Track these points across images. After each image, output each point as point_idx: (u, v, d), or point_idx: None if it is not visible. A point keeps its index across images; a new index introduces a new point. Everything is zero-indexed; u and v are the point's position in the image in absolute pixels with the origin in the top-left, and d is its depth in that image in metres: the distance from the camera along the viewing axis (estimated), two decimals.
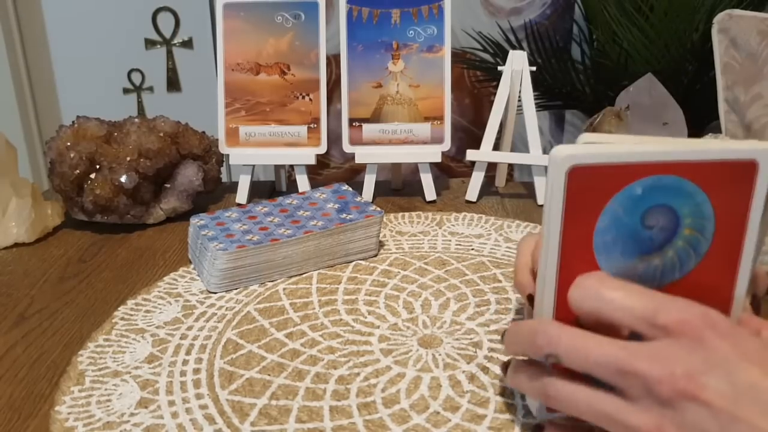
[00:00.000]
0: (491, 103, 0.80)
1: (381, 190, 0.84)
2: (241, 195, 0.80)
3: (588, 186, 0.31)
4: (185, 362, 0.47)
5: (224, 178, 0.82)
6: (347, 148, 0.80)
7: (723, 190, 0.32)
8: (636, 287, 0.32)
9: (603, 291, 0.32)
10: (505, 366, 0.38)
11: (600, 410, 0.31)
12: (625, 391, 0.30)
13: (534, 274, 0.41)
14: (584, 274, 0.33)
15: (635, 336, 0.31)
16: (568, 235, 0.32)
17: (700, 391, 0.28)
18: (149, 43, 1.91)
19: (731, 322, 0.31)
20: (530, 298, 0.39)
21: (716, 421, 0.28)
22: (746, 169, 0.31)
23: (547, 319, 0.34)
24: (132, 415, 0.42)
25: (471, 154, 0.80)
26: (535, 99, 0.79)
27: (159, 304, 0.55)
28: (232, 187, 0.84)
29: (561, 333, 0.32)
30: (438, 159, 0.79)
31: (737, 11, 0.75)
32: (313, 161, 0.79)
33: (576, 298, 0.33)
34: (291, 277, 0.59)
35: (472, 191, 0.81)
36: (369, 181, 0.80)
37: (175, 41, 1.91)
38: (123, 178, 0.70)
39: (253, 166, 0.80)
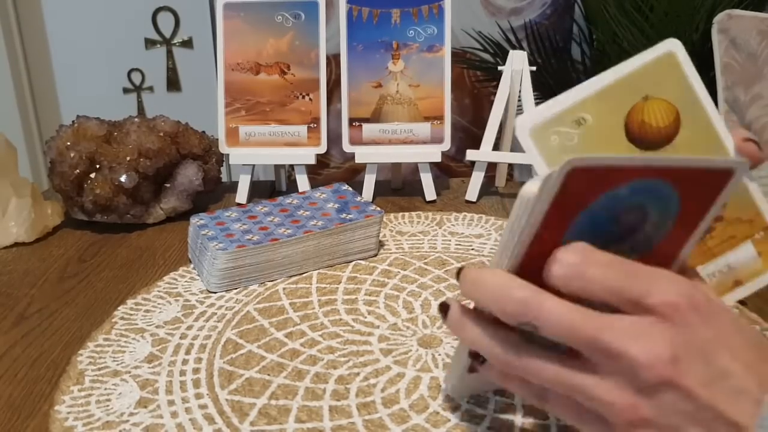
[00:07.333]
0: (491, 102, 0.79)
1: (381, 189, 0.84)
2: (241, 195, 0.80)
3: (581, 186, 0.31)
4: (185, 362, 0.47)
5: (224, 177, 0.82)
6: (347, 147, 0.80)
7: (695, 193, 0.33)
8: (618, 261, 0.31)
9: (586, 270, 0.30)
10: (444, 308, 0.35)
11: (571, 383, 0.30)
12: (598, 366, 0.29)
13: None
14: (565, 247, 0.31)
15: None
16: (542, 231, 0.31)
17: (681, 377, 0.28)
18: (149, 43, 1.91)
19: (710, 298, 0.30)
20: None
21: (691, 405, 0.28)
22: (722, 176, 0.33)
23: (521, 282, 0.31)
24: (131, 414, 0.42)
25: (471, 154, 0.80)
26: (535, 99, 0.79)
27: (159, 304, 0.55)
28: (232, 186, 0.84)
29: (543, 302, 0.30)
30: (438, 159, 0.79)
31: (737, 11, 0.75)
32: (313, 161, 0.79)
33: (558, 275, 0.30)
34: (291, 276, 0.59)
35: (472, 191, 0.81)
36: (369, 181, 0.80)
37: (175, 41, 1.91)
38: (123, 178, 0.70)
39: (253, 165, 0.80)
